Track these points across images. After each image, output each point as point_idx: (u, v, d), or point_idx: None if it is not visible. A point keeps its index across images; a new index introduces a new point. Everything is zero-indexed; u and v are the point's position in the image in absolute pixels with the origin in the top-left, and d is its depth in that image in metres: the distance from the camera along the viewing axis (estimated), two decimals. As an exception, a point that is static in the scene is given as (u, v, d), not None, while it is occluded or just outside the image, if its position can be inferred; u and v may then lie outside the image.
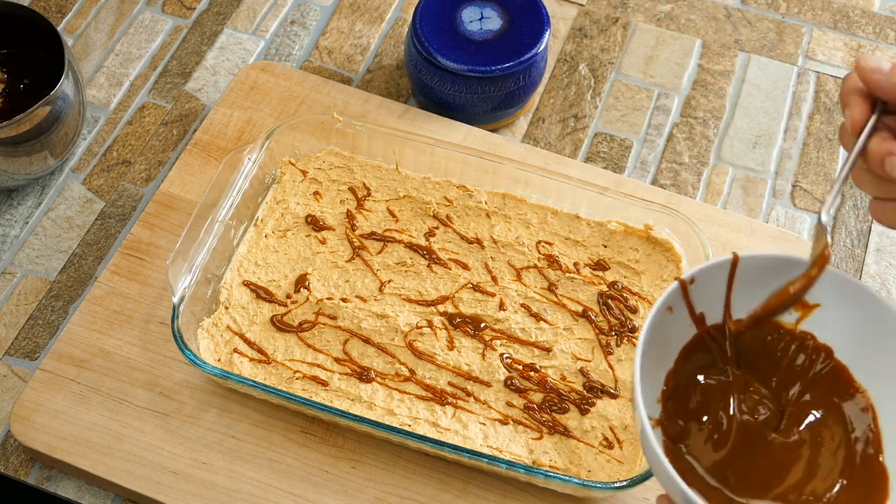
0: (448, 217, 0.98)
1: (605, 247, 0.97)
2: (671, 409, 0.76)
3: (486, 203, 0.98)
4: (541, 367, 0.90)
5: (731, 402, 0.76)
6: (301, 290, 0.94)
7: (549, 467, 0.85)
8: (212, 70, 1.13)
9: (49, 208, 1.03)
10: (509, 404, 0.88)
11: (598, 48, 1.15)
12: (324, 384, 0.88)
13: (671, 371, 0.77)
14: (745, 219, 1.01)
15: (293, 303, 0.93)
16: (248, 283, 0.94)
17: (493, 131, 1.07)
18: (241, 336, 0.91)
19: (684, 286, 0.76)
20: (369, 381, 0.89)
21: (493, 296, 0.94)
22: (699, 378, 0.77)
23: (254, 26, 1.16)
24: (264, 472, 0.87)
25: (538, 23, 1.03)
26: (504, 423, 0.87)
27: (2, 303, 0.97)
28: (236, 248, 0.95)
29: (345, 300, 0.93)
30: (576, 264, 0.95)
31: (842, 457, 0.75)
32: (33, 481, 0.89)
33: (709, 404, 0.76)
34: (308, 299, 0.93)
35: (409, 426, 0.86)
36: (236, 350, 0.90)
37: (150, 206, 1.00)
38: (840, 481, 0.74)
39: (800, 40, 1.16)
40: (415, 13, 1.04)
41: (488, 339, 0.91)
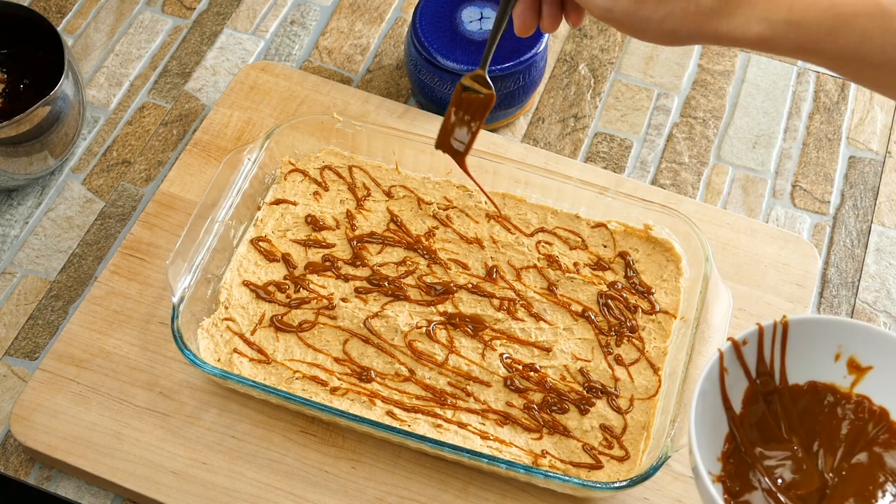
0: (448, 217, 0.98)
1: (605, 247, 0.97)
2: (731, 469, 0.78)
3: (486, 203, 0.98)
4: (540, 367, 0.90)
5: (788, 471, 0.77)
6: (301, 290, 0.94)
7: (549, 467, 0.85)
8: (212, 70, 1.13)
9: (49, 208, 1.03)
10: (509, 404, 0.88)
11: (597, 48, 1.15)
12: (324, 384, 0.88)
13: (729, 433, 0.79)
14: (744, 219, 1.01)
15: (293, 303, 0.93)
16: (248, 283, 0.94)
17: (493, 131, 1.07)
18: (241, 336, 0.91)
19: (737, 347, 0.78)
20: (369, 381, 0.89)
21: (492, 296, 0.94)
22: (758, 448, 0.79)
23: (254, 26, 1.16)
24: (264, 472, 0.87)
25: (538, 23, 1.03)
26: (504, 423, 0.87)
27: (2, 303, 0.97)
28: (236, 248, 0.95)
29: (345, 300, 0.93)
30: (576, 264, 0.95)
31: None
32: (33, 481, 0.89)
33: (768, 471, 0.77)
34: (308, 299, 0.93)
35: (409, 426, 0.86)
36: (236, 350, 0.90)
37: (150, 206, 1.00)
38: None
39: (800, 40, 1.16)
40: (415, 13, 1.04)
41: (488, 339, 0.91)
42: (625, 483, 0.81)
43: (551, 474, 0.81)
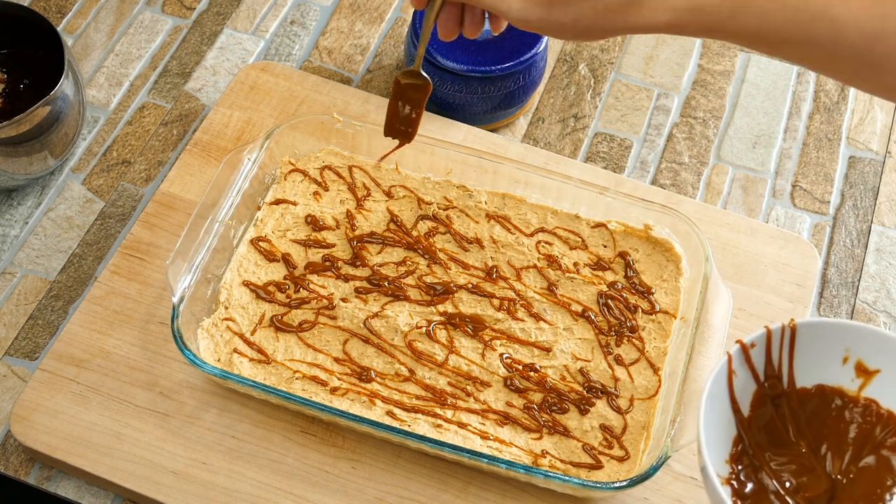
0: (448, 217, 0.98)
1: (605, 247, 0.97)
2: (740, 471, 0.78)
3: (486, 203, 0.98)
4: (540, 367, 0.90)
5: (796, 474, 0.78)
6: (301, 290, 0.94)
7: (549, 467, 0.85)
8: (212, 70, 1.13)
9: (49, 208, 1.03)
10: (509, 404, 0.88)
11: (597, 48, 1.15)
12: (324, 384, 0.88)
13: (737, 436, 0.79)
14: (744, 219, 1.01)
15: (293, 303, 0.93)
16: (248, 283, 0.94)
17: (493, 131, 1.07)
18: (241, 336, 0.91)
19: (746, 350, 0.78)
20: (369, 381, 0.89)
21: (492, 296, 0.94)
22: (767, 451, 0.79)
23: (254, 26, 1.16)
24: (264, 472, 0.87)
25: (538, 23, 1.03)
26: (504, 423, 0.87)
27: (2, 303, 0.97)
28: (236, 248, 0.95)
29: (345, 300, 0.93)
30: (576, 264, 0.95)
31: None
32: (33, 481, 0.89)
33: (776, 473, 0.78)
34: (308, 299, 0.93)
35: (409, 426, 0.86)
36: (236, 350, 0.90)
37: (150, 206, 1.00)
38: None
39: (800, 40, 1.16)
40: (415, 13, 1.04)
41: (488, 339, 0.91)
42: (625, 483, 0.81)
43: (551, 474, 0.81)
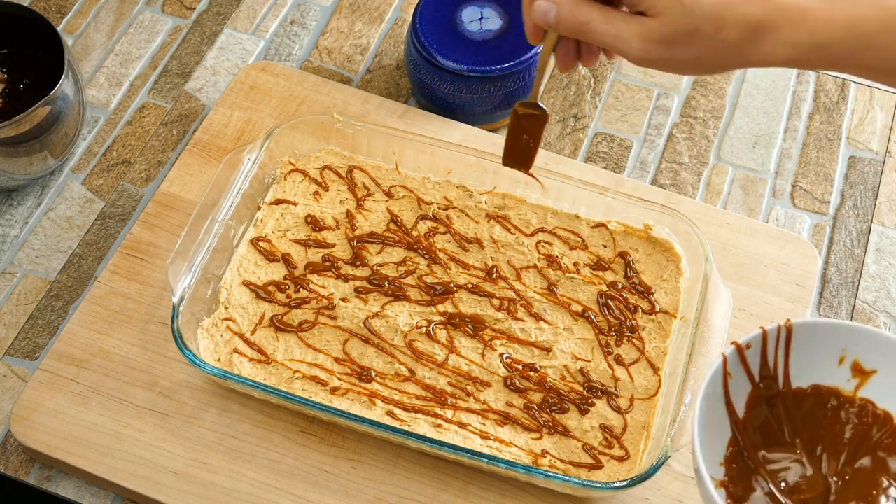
0: (448, 217, 0.98)
1: (605, 247, 0.97)
2: (734, 473, 0.78)
3: (486, 203, 0.98)
4: (540, 367, 0.90)
5: (792, 475, 0.77)
6: (301, 290, 0.94)
7: (549, 467, 0.85)
8: (212, 70, 1.13)
9: (49, 208, 1.03)
10: (509, 404, 0.88)
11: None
12: (324, 384, 0.88)
13: (732, 437, 0.79)
14: (744, 219, 1.01)
15: (293, 303, 0.93)
16: (248, 283, 0.94)
17: (493, 131, 1.07)
18: (241, 336, 0.91)
19: (741, 351, 0.77)
20: (369, 381, 0.89)
21: (492, 296, 0.94)
22: (762, 452, 0.79)
23: (254, 26, 1.16)
24: (264, 472, 0.87)
25: (538, 23, 1.03)
26: (504, 423, 0.87)
27: (2, 303, 0.97)
28: (236, 248, 0.95)
29: (345, 300, 0.93)
30: (576, 264, 0.95)
31: None
32: (33, 481, 0.89)
33: (771, 475, 0.77)
34: (308, 299, 0.93)
35: (409, 426, 0.86)
36: (236, 350, 0.90)
37: (150, 206, 1.00)
38: None
39: (800, 40, 1.16)
40: (415, 13, 1.04)
41: (488, 339, 0.91)
42: (625, 483, 0.81)
43: (551, 474, 0.81)
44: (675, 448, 0.80)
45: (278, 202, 0.98)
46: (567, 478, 0.82)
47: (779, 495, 0.76)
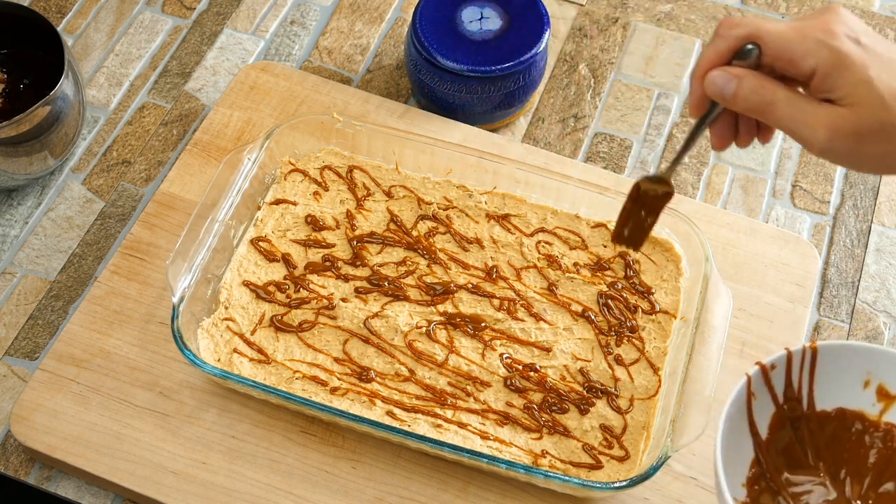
0: (448, 217, 0.98)
1: (605, 247, 0.97)
2: (756, 495, 0.77)
3: (486, 203, 0.98)
4: (540, 367, 0.90)
5: (815, 498, 0.77)
6: (301, 290, 0.94)
7: (549, 467, 0.85)
8: (212, 70, 1.13)
9: (49, 208, 1.03)
10: (509, 404, 0.88)
11: (597, 48, 1.15)
12: (324, 384, 0.88)
13: (754, 458, 0.78)
14: (744, 219, 1.01)
15: (293, 303, 0.93)
16: (248, 283, 0.94)
17: (493, 131, 1.07)
18: (241, 336, 0.91)
19: (766, 371, 0.77)
20: (369, 381, 0.89)
21: (492, 296, 0.94)
22: (785, 474, 0.78)
23: (254, 26, 1.16)
24: (264, 472, 0.87)
25: (538, 23, 1.03)
26: (504, 423, 0.87)
27: (2, 303, 0.97)
28: (236, 248, 0.95)
29: (345, 300, 0.93)
30: (576, 264, 0.95)
31: None
32: (33, 481, 0.89)
33: (794, 497, 0.77)
34: (308, 299, 0.93)
35: (409, 426, 0.86)
36: (236, 350, 0.90)
37: (150, 206, 1.00)
38: None
39: (800, 40, 1.16)
40: (415, 13, 1.04)
41: (488, 339, 0.91)
42: (625, 483, 0.81)
43: (551, 474, 0.81)
44: (676, 448, 0.80)
45: (278, 202, 0.98)
46: (567, 478, 0.82)
47: None
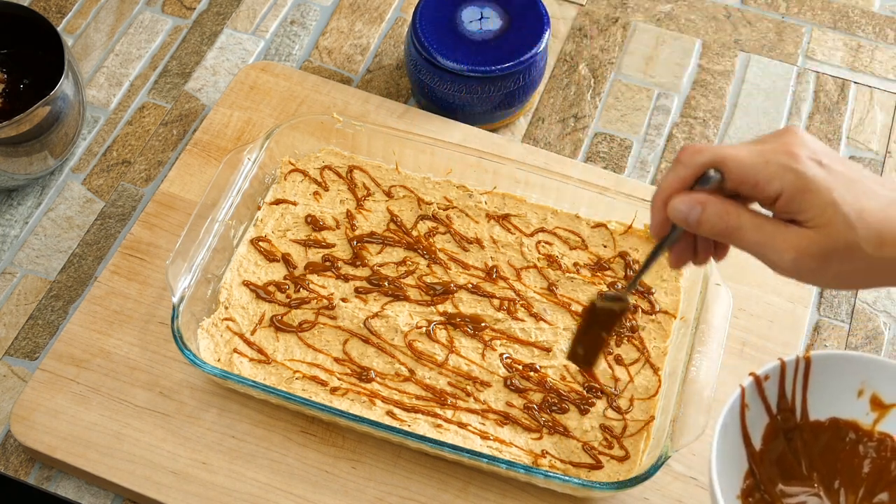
0: (448, 217, 0.98)
1: (605, 247, 0.97)
2: None
3: (486, 203, 0.98)
4: (540, 367, 0.90)
5: None
6: (301, 290, 0.94)
7: (549, 467, 0.85)
8: (212, 70, 1.13)
9: (49, 208, 1.03)
10: (509, 404, 0.88)
11: (597, 48, 1.15)
12: (324, 384, 0.88)
13: (748, 470, 0.78)
14: (744, 219, 1.01)
15: (293, 303, 0.93)
16: (248, 283, 0.94)
17: (493, 131, 1.07)
18: (241, 336, 0.91)
19: (759, 382, 0.76)
20: (369, 381, 0.89)
21: (492, 296, 0.94)
22: (779, 485, 0.77)
23: (254, 26, 1.16)
24: (264, 472, 0.87)
25: (538, 23, 1.03)
26: (504, 423, 0.87)
27: (2, 303, 0.97)
28: (236, 248, 0.95)
29: (345, 300, 0.93)
30: (576, 264, 0.95)
31: None
32: (33, 481, 0.89)
33: None
34: (308, 299, 0.93)
35: (409, 426, 0.86)
36: (236, 350, 0.90)
37: (150, 206, 1.00)
38: None
39: (799, 40, 1.16)
40: (415, 13, 1.04)
41: (488, 339, 0.91)
42: (625, 483, 0.81)
43: (551, 474, 0.81)
44: (676, 448, 0.80)
45: (278, 202, 0.98)
46: (567, 478, 0.82)
47: None
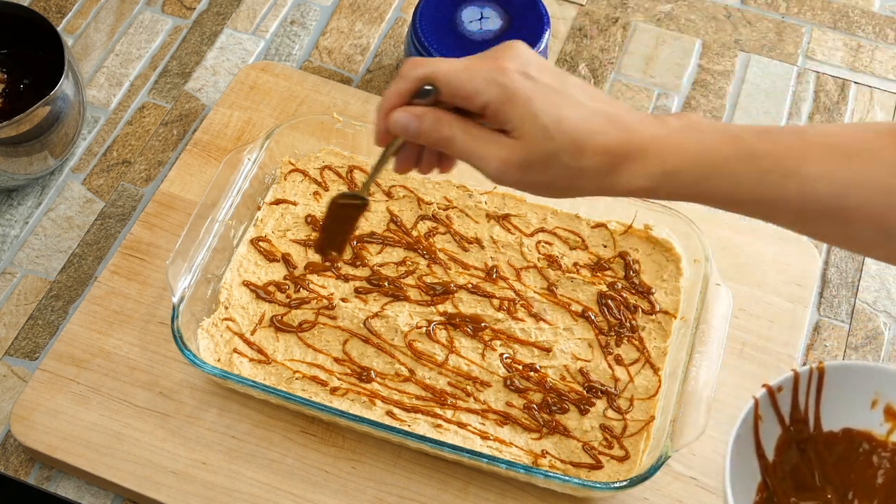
0: (448, 217, 0.98)
1: (605, 247, 0.97)
2: None
3: (486, 203, 0.98)
4: (540, 367, 0.90)
5: None
6: (301, 290, 0.94)
7: (549, 467, 0.85)
8: (212, 70, 1.13)
9: (49, 208, 1.03)
10: (509, 404, 0.88)
11: (598, 48, 1.15)
12: (324, 384, 0.88)
13: (762, 482, 0.77)
14: (745, 219, 1.01)
15: (293, 303, 0.93)
16: (248, 283, 0.94)
17: (493, 131, 1.07)
18: (241, 336, 0.91)
19: (772, 394, 0.76)
20: (369, 381, 0.89)
21: (492, 296, 0.94)
22: (792, 498, 0.77)
23: (254, 26, 1.16)
24: (264, 472, 0.87)
25: (538, 23, 1.03)
26: (504, 423, 0.87)
27: (2, 303, 0.97)
28: (236, 248, 0.95)
29: (345, 300, 0.93)
30: (575, 264, 0.95)
31: None
32: (33, 481, 0.89)
33: None
34: (308, 299, 0.93)
35: (409, 426, 0.86)
36: (236, 350, 0.90)
37: (150, 206, 1.00)
38: None
39: (799, 40, 1.16)
40: (415, 13, 1.04)
41: (488, 339, 0.91)
42: (625, 483, 0.81)
43: (551, 474, 0.81)
44: (675, 448, 0.80)
45: (278, 202, 0.98)
46: (567, 478, 0.82)
47: None
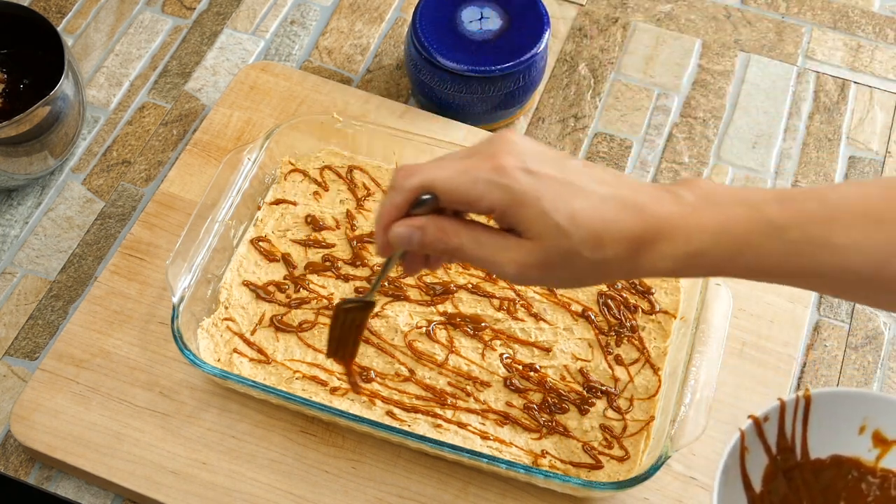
0: (448, 217, 0.98)
1: (605, 247, 0.97)
2: None
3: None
4: (540, 367, 0.90)
5: None
6: (301, 290, 0.94)
7: (549, 467, 0.85)
8: (212, 70, 1.13)
9: (49, 208, 1.03)
10: (509, 404, 0.88)
11: (597, 48, 1.15)
12: (323, 384, 0.88)
13: None
14: (744, 219, 1.01)
15: (293, 303, 0.93)
16: (248, 283, 0.94)
17: (493, 131, 1.07)
18: (241, 336, 0.91)
19: (758, 424, 0.76)
20: (369, 380, 0.89)
21: (492, 296, 0.94)
22: None
23: (254, 26, 1.16)
24: (264, 472, 0.87)
25: (538, 23, 1.03)
26: (504, 423, 0.87)
27: (2, 303, 0.97)
28: (236, 248, 0.95)
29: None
30: (576, 264, 0.95)
31: None
32: (33, 481, 0.89)
33: None
34: (308, 299, 0.93)
35: (409, 426, 0.86)
36: (236, 350, 0.90)
37: (150, 206, 1.00)
38: None
39: (799, 40, 1.16)
40: (415, 13, 1.04)
41: (488, 339, 0.91)
42: (625, 483, 0.81)
43: (551, 474, 0.81)
44: (675, 448, 0.80)
45: (278, 202, 0.98)
46: (567, 478, 0.82)
47: None
